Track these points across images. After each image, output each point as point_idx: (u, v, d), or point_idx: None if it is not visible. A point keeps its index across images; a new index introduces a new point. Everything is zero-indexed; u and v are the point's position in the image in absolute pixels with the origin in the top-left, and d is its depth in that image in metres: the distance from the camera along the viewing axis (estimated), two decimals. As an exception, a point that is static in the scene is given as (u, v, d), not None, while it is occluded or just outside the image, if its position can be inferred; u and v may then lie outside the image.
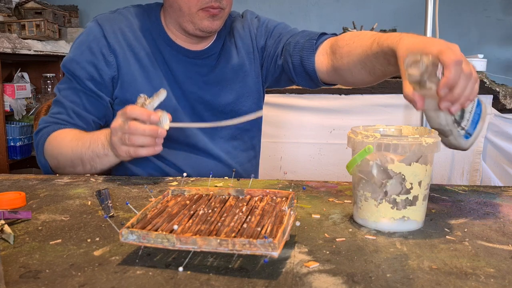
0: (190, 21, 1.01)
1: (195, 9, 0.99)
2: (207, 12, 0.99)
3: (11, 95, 2.66)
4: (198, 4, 0.98)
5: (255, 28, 1.18)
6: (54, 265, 0.52)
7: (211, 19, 1.00)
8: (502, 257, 0.55)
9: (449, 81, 0.64)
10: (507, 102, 1.93)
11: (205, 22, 1.00)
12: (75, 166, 0.98)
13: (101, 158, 0.94)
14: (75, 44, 1.06)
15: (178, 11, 1.01)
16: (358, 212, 0.66)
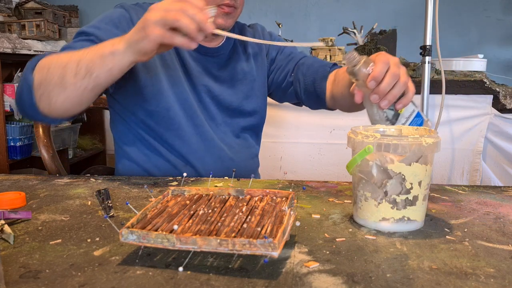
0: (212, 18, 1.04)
1: (213, 4, 1.00)
2: (222, 10, 1.02)
3: (11, 95, 2.66)
4: (214, 1, 1.01)
5: (267, 36, 1.25)
6: (54, 265, 0.52)
7: (225, 17, 1.03)
8: (502, 257, 0.55)
9: (375, 74, 0.75)
10: (507, 102, 1.93)
11: (219, 19, 1.03)
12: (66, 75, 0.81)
13: (104, 58, 0.79)
14: (97, 19, 1.02)
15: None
16: (358, 212, 0.66)
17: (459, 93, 1.97)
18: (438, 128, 1.93)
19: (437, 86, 1.94)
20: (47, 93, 0.83)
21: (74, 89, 0.81)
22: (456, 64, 2.17)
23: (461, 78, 2.00)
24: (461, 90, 1.97)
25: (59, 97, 0.82)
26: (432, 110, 1.97)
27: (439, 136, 0.65)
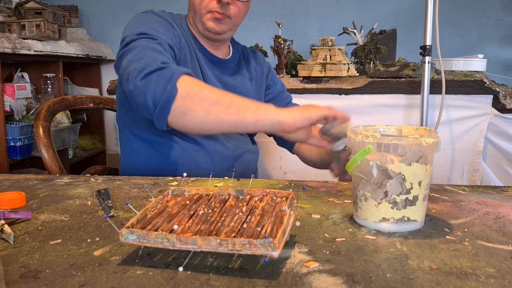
0: (200, 21, 1.14)
1: (204, 11, 1.12)
2: (212, 15, 1.12)
3: (11, 95, 2.66)
4: (206, 7, 1.12)
5: (266, 69, 1.34)
6: (54, 265, 0.52)
7: (216, 22, 1.13)
8: (502, 257, 0.55)
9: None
10: (507, 102, 1.93)
11: (210, 23, 1.13)
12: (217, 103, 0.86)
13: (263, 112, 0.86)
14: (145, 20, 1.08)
15: (193, 13, 1.15)
16: (358, 212, 0.66)
17: (459, 93, 1.97)
18: (438, 128, 1.93)
19: (437, 86, 1.94)
20: (186, 110, 0.87)
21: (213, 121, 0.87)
22: (456, 64, 2.17)
23: (461, 78, 2.00)
24: (461, 90, 1.97)
25: (197, 117, 0.87)
26: (432, 110, 1.97)
27: (439, 136, 0.65)
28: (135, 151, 1.14)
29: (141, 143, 1.13)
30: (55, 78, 3.10)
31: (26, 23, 2.90)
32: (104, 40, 3.84)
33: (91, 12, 3.84)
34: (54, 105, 1.34)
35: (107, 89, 2.37)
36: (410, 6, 3.22)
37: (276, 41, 2.22)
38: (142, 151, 1.13)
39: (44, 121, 1.26)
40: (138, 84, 0.90)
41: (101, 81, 3.80)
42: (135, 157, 1.14)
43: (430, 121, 1.96)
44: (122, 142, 1.20)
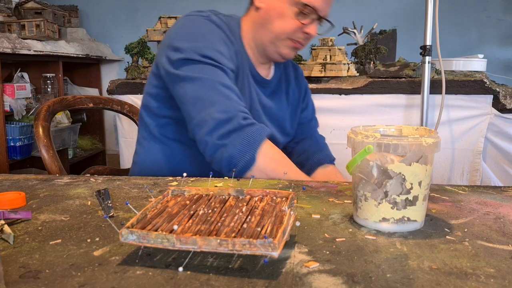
0: (274, 44, 1.09)
1: (285, 36, 1.08)
2: (293, 43, 1.09)
3: (11, 95, 2.66)
4: (290, 34, 1.07)
5: (304, 90, 1.30)
6: (54, 265, 0.52)
7: (292, 50, 1.10)
8: (502, 257, 0.55)
9: None
10: (507, 102, 1.93)
11: (286, 49, 1.10)
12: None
13: None
14: (205, 32, 1.03)
15: (268, 32, 1.09)
16: (358, 212, 0.66)
17: (459, 93, 1.97)
18: (438, 128, 1.93)
19: (437, 86, 1.94)
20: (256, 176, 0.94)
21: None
22: (456, 64, 2.17)
23: (461, 78, 2.00)
24: (461, 90, 1.97)
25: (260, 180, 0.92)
26: (432, 110, 1.97)
27: (439, 136, 0.65)
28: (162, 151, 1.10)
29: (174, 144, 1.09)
30: (55, 78, 3.10)
31: (26, 23, 2.90)
32: (104, 40, 3.84)
33: (91, 12, 3.84)
34: (53, 105, 1.34)
35: (107, 89, 2.37)
36: (410, 6, 3.22)
37: (276, 41, 2.22)
38: (175, 152, 1.09)
39: (44, 121, 1.26)
40: (216, 142, 0.93)
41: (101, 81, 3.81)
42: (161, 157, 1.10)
43: (430, 121, 1.96)
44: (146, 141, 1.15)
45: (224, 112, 0.93)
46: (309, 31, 1.07)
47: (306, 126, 1.29)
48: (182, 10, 1.26)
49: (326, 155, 1.26)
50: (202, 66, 0.98)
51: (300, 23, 1.05)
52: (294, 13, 1.05)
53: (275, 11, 1.06)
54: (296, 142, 1.29)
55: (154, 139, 1.12)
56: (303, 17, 1.06)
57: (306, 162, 1.25)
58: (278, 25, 1.07)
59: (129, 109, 1.52)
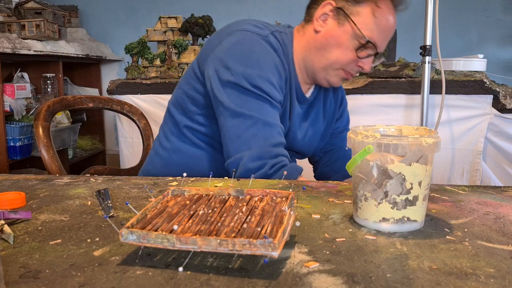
0: (326, 71, 1.08)
1: (339, 66, 1.06)
2: (345, 74, 1.08)
3: (11, 95, 2.66)
4: (345, 65, 1.06)
5: (340, 99, 1.26)
6: (54, 265, 0.52)
7: (342, 80, 1.10)
8: (502, 257, 0.55)
9: None
10: (507, 102, 1.93)
11: (336, 78, 1.09)
12: None
13: None
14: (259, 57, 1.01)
15: (323, 58, 1.07)
16: (358, 212, 0.66)
17: (459, 93, 1.97)
18: (438, 128, 1.93)
19: (437, 86, 1.94)
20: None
21: None
22: (456, 64, 2.17)
23: (461, 78, 2.00)
24: (461, 90, 1.97)
25: None
26: (432, 110, 1.97)
27: (439, 136, 0.65)
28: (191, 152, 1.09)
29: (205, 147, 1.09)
30: (55, 78, 3.10)
31: (26, 23, 2.90)
32: (104, 40, 3.84)
33: (91, 12, 3.84)
34: (53, 105, 1.34)
35: (107, 89, 2.37)
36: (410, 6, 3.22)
37: (276, 41, 2.22)
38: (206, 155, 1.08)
39: (44, 121, 1.26)
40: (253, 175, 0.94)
41: (101, 81, 3.81)
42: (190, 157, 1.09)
43: (430, 121, 1.96)
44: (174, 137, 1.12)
45: (257, 160, 0.96)
46: (364, 66, 1.06)
47: (337, 137, 1.26)
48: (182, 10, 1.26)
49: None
50: (250, 98, 0.98)
51: (357, 56, 1.04)
52: (353, 46, 1.04)
53: (335, 39, 1.04)
54: (324, 152, 1.26)
55: (184, 138, 1.10)
56: (362, 51, 1.04)
57: (333, 175, 1.22)
58: (335, 54, 1.05)
59: (129, 109, 1.52)
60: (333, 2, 1.05)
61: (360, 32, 1.02)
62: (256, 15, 3.53)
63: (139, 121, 1.51)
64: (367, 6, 1.03)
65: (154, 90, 2.30)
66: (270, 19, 3.46)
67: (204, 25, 2.57)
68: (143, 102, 2.29)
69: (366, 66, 1.06)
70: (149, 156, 1.21)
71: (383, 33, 1.04)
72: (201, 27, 2.57)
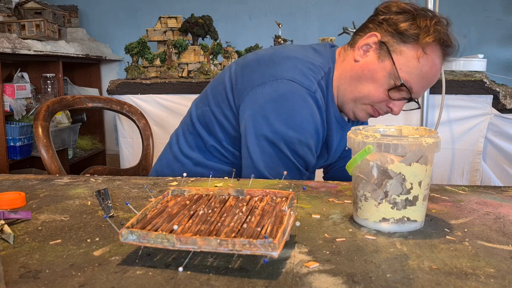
0: (354, 103, 1.03)
1: (368, 102, 1.01)
2: (373, 111, 1.03)
3: (11, 95, 2.66)
4: (374, 102, 1.01)
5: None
6: (54, 265, 0.52)
7: (368, 116, 1.05)
8: (502, 257, 0.55)
9: None
10: (507, 102, 1.93)
11: (363, 114, 1.04)
12: None
13: None
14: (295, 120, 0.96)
15: (355, 89, 1.02)
16: (358, 212, 0.66)
17: (459, 93, 1.97)
18: (438, 128, 1.93)
19: (437, 86, 1.94)
20: None
21: None
22: (456, 64, 2.17)
23: (461, 78, 2.00)
24: (461, 90, 1.97)
25: None
26: (432, 110, 1.97)
27: (439, 136, 0.65)
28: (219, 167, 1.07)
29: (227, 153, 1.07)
30: (55, 78, 3.10)
31: (26, 23, 2.90)
32: (104, 40, 3.84)
33: (91, 12, 3.84)
34: (53, 105, 1.34)
35: (107, 89, 2.37)
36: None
37: (276, 41, 2.22)
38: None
39: (44, 121, 1.26)
40: None
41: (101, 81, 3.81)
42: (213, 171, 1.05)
43: (430, 121, 1.96)
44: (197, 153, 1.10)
45: None
46: (394, 109, 1.01)
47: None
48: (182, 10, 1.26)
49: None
50: (281, 163, 0.98)
51: (389, 97, 0.99)
52: (388, 85, 0.99)
53: (371, 73, 0.99)
54: (340, 157, 1.22)
55: (210, 156, 1.08)
56: (394, 93, 0.99)
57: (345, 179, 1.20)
58: (367, 88, 1.00)
59: (129, 109, 1.52)
60: (379, 35, 0.99)
61: (397, 73, 0.97)
62: (256, 15, 3.53)
63: (139, 121, 1.51)
64: (413, 49, 0.97)
65: (154, 90, 2.30)
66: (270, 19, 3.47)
67: (204, 25, 2.58)
68: (143, 102, 2.29)
69: (395, 109, 1.01)
70: (165, 159, 1.16)
71: (422, 80, 0.98)
72: (201, 27, 2.57)
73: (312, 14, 3.49)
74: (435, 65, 0.99)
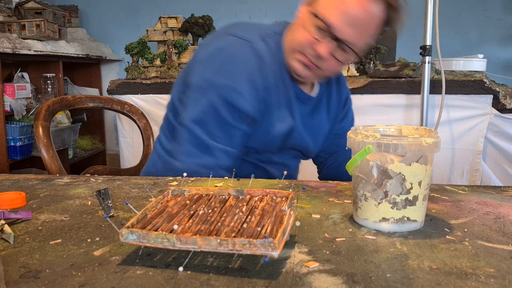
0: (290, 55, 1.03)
1: (298, 47, 1.00)
2: (302, 58, 1.00)
3: (11, 95, 2.66)
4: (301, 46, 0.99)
5: (344, 98, 1.24)
6: (54, 265, 0.52)
7: (302, 66, 1.01)
8: (502, 257, 0.55)
9: None
10: (507, 102, 1.93)
11: (296, 63, 1.01)
12: None
13: None
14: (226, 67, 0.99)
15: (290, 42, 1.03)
16: (358, 212, 0.66)
17: (459, 93, 1.97)
18: (438, 128, 1.93)
19: (437, 86, 1.94)
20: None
21: None
22: (456, 64, 2.17)
23: (461, 78, 2.00)
24: (461, 90, 1.97)
25: None
26: (432, 110, 1.97)
27: (439, 136, 0.65)
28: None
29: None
30: (55, 78, 3.10)
31: (26, 23, 2.90)
32: (104, 40, 3.84)
33: (91, 12, 3.84)
34: (53, 105, 1.34)
35: (107, 89, 2.37)
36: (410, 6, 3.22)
37: (276, 41, 2.22)
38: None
39: (44, 121, 1.27)
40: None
41: (101, 81, 3.81)
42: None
43: (430, 121, 1.96)
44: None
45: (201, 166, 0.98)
46: (319, 49, 0.97)
47: (342, 138, 1.19)
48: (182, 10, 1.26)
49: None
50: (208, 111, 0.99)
51: (313, 37, 0.97)
52: (312, 25, 0.97)
53: (301, 20, 1.01)
54: (329, 154, 1.24)
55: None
56: (318, 32, 0.97)
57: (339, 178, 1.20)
58: (297, 35, 1.00)
59: (129, 109, 1.52)
60: None
61: (317, 9, 0.96)
62: (256, 15, 3.53)
63: (139, 121, 1.51)
64: None
65: (154, 90, 2.30)
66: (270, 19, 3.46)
67: (204, 25, 2.58)
68: (143, 102, 2.29)
69: (320, 49, 0.97)
70: (150, 157, 1.20)
71: (343, 16, 0.94)
72: (201, 27, 2.57)
73: (312, 14, 3.49)
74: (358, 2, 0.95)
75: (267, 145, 1.08)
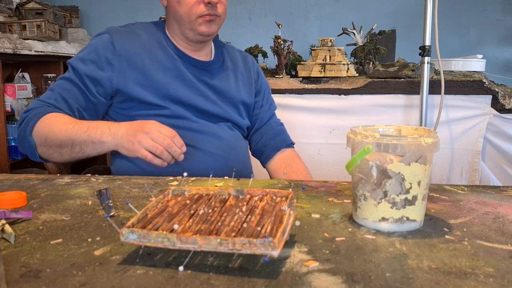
0: (190, 28, 1.14)
1: (194, 17, 1.12)
2: (204, 19, 1.12)
3: (12, 95, 2.66)
4: (196, 13, 1.12)
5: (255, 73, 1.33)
6: (55, 264, 0.52)
7: (208, 24, 1.14)
8: (501, 257, 0.55)
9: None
10: (506, 102, 1.94)
11: (202, 27, 1.13)
12: (63, 147, 1.02)
13: (95, 144, 1.00)
14: (85, 47, 1.16)
15: (180, 21, 1.15)
16: (357, 211, 0.67)
17: (458, 93, 1.97)
18: (437, 128, 1.93)
19: (436, 86, 1.94)
20: (47, 153, 1.06)
21: (69, 158, 1.04)
22: (455, 64, 2.17)
23: (460, 78, 2.01)
24: (460, 90, 1.97)
25: (57, 158, 1.06)
26: (431, 110, 1.97)
27: (438, 136, 0.65)
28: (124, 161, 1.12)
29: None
30: (56, 78, 3.10)
31: (26, 23, 2.91)
32: (104, 40, 3.83)
33: (92, 12, 3.84)
34: (54, 105, 1.34)
35: (107, 89, 2.37)
36: (409, 6, 3.22)
37: (276, 41, 2.22)
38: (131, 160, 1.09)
39: (45, 121, 1.26)
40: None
41: (101, 81, 3.80)
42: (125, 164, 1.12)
43: (429, 121, 1.96)
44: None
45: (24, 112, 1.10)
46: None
47: (260, 113, 1.31)
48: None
49: (282, 140, 1.28)
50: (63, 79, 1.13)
51: None
52: None
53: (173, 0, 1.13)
54: (254, 131, 1.31)
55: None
56: None
57: (264, 149, 1.27)
58: (182, 11, 1.12)
59: (129, 109, 1.51)
60: None
61: None
62: (256, 15, 3.54)
63: (139, 121, 1.51)
64: None
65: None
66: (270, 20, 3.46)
67: (204, 26, 2.57)
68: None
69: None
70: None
71: None
72: (201, 28, 2.57)
73: (312, 14, 3.49)
74: None
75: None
